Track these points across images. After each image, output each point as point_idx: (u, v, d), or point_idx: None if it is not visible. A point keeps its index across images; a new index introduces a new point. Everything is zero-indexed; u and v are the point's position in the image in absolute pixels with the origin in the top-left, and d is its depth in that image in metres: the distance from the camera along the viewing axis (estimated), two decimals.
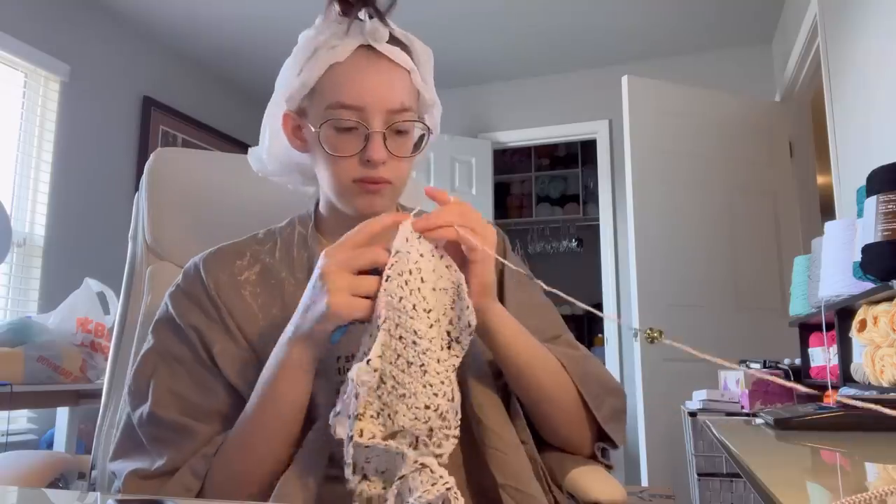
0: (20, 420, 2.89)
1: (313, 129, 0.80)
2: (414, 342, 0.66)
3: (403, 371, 0.66)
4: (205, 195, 1.13)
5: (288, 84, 0.82)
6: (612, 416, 0.86)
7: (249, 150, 0.92)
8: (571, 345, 0.92)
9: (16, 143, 2.97)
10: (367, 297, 0.66)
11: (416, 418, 0.65)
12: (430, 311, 0.67)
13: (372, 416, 0.66)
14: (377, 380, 0.65)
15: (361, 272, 0.67)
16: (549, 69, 4.09)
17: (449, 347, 0.69)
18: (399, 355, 0.66)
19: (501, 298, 0.89)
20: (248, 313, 0.81)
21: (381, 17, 0.80)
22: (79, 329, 2.29)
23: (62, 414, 2.49)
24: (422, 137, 0.85)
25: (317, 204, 0.91)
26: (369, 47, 0.79)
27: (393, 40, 0.81)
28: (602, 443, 0.88)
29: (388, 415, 0.65)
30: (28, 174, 3.00)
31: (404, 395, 0.65)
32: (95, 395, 1.14)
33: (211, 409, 0.77)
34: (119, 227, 1.19)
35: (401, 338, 0.66)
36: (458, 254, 0.71)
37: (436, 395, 0.66)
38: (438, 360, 0.67)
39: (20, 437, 2.83)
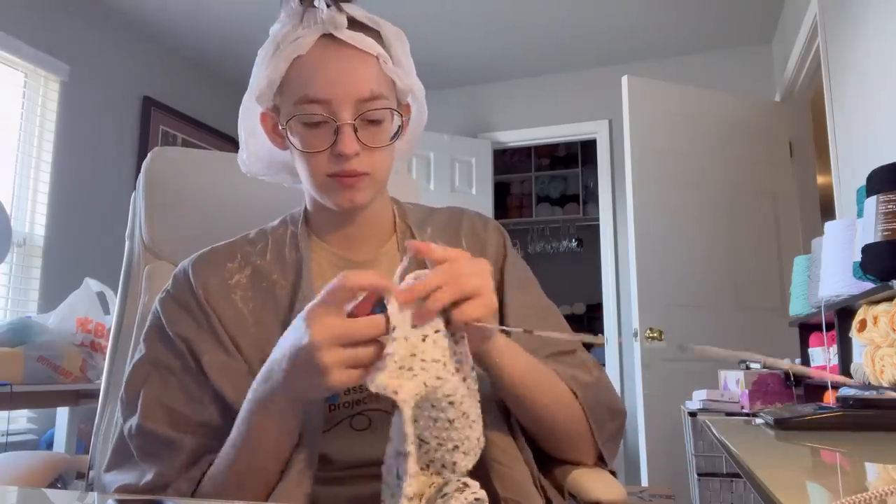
0: (20, 420, 2.89)
1: (280, 127, 0.78)
2: (451, 403, 0.62)
3: (447, 429, 0.63)
4: (202, 194, 1.13)
5: (257, 83, 0.80)
6: (610, 439, 0.85)
7: (238, 154, 0.90)
8: (583, 363, 0.88)
9: (16, 143, 2.97)
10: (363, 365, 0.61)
11: (475, 456, 0.64)
12: (445, 363, 0.62)
13: (422, 471, 0.64)
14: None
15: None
16: (549, 69, 4.09)
17: (464, 379, 0.66)
18: (436, 419, 0.63)
19: (502, 300, 0.86)
20: (238, 319, 0.78)
21: (337, 2, 0.76)
22: (79, 329, 2.29)
23: (62, 414, 2.49)
24: (401, 126, 0.82)
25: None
26: (332, 36, 0.75)
27: (357, 26, 0.77)
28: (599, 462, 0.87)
29: (443, 465, 0.64)
30: (28, 174, 3.00)
31: (458, 447, 0.63)
32: (95, 395, 1.14)
33: (200, 421, 0.74)
34: (119, 228, 1.19)
35: (433, 406, 0.63)
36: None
37: (477, 423, 0.65)
38: (466, 398, 0.64)
39: (20, 437, 2.83)
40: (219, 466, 0.71)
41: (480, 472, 0.74)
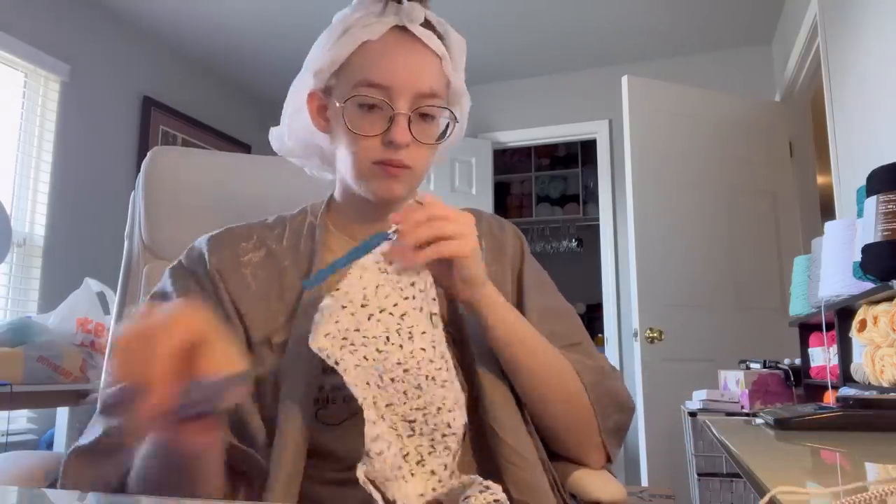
0: (20, 420, 2.89)
1: (338, 105, 0.79)
2: (406, 371, 0.67)
3: (420, 396, 0.68)
4: (202, 194, 1.12)
5: (318, 60, 0.81)
6: (614, 431, 0.85)
7: (271, 129, 0.91)
8: (590, 354, 0.89)
9: (16, 143, 2.97)
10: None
11: (462, 410, 0.69)
12: (388, 336, 0.68)
13: (429, 465, 0.68)
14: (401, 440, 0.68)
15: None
16: (549, 69, 4.09)
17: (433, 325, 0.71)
18: (405, 391, 0.67)
19: (521, 304, 0.87)
20: (245, 290, 0.80)
21: None
22: (79, 329, 2.29)
23: (62, 414, 2.49)
24: (447, 127, 0.84)
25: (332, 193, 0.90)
26: (403, 29, 0.78)
27: (427, 25, 0.80)
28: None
29: (443, 434, 0.68)
30: (28, 174, 3.00)
31: (440, 408, 0.67)
32: (96, 395, 1.15)
33: None
34: (119, 228, 1.19)
35: (392, 379, 0.67)
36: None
37: (450, 383, 0.69)
38: (425, 362, 0.68)
39: (20, 437, 2.83)
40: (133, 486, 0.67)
41: (494, 472, 0.74)
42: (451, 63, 0.82)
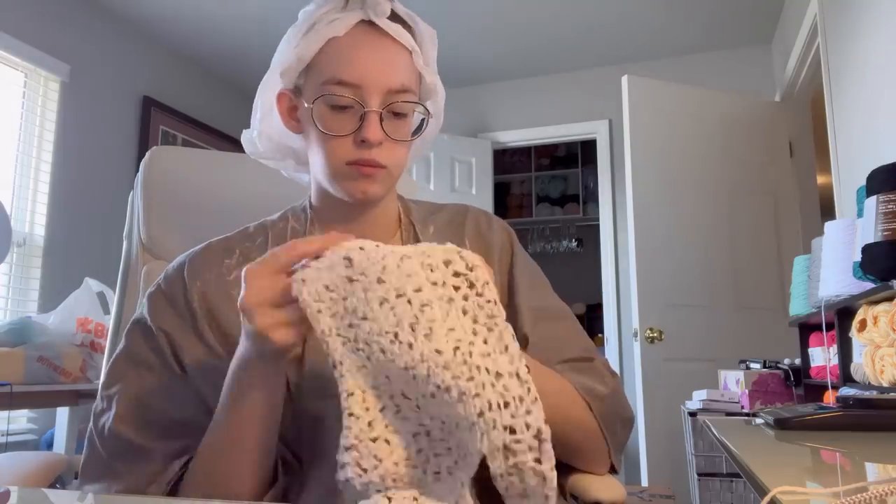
0: (20, 420, 2.89)
1: (307, 105, 0.76)
2: (414, 377, 0.52)
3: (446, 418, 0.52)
4: (201, 194, 1.12)
5: (284, 58, 0.78)
6: (619, 448, 0.85)
7: (243, 132, 0.88)
8: (601, 375, 0.84)
9: (16, 143, 2.97)
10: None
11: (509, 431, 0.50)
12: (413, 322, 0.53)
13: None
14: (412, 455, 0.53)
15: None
16: (549, 69, 4.09)
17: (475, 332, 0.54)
18: (418, 407, 0.53)
19: (511, 303, 0.85)
20: (237, 316, 0.76)
21: None
22: (79, 329, 2.29)
23: (62, 414, 2.49)
24: (421, 123, 0.81)
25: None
26: (370, 23, 0.75)
27: (395, 18, 0.77)
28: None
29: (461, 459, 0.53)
30: (28, 174, 3.00)
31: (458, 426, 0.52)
32: (95, 395, 1.15)
33: (176, 419, 0.72)
34: (119, 227, 1.19)
35: (404, 395, 0.53)
36: None
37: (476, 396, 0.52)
38: (451, 365, 0.51)
39: (20, 437, 2.83)
40: (202, 451, 0.69)
41: (482, 478, 0.74)
42: (423, 57, 0.79)
